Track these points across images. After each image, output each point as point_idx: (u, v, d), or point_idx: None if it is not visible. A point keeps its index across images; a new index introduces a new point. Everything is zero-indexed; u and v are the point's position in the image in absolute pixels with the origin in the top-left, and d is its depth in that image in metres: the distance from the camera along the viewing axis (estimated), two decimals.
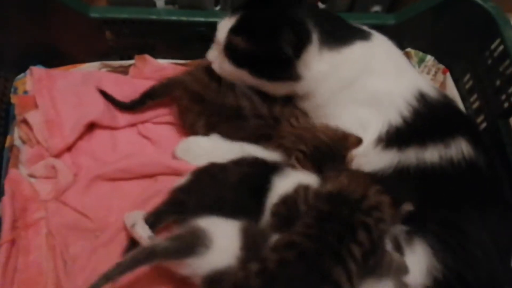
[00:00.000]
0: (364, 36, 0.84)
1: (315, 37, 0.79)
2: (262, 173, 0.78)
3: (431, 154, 0.79)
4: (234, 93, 0.85)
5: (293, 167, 0.79)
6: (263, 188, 0.76)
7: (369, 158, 0.82)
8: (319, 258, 0.63)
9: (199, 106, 0.89)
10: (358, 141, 0.80)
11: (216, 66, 0.85)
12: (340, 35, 0.83)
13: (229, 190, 0.79)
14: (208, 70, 0.88)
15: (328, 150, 0.80)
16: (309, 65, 0.80)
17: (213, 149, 0.85)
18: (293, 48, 0.76)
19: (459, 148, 0.80)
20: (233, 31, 0.79)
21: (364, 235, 0.66)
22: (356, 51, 0.83)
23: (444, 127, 0.83)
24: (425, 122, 0.83)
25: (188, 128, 0.93)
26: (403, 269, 0.68)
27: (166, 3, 1.11)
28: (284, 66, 0.79)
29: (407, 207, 0.72)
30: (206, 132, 0.90)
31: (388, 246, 0.71)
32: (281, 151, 0.83)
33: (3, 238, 0.79)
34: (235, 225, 0.71)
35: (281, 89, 0.83)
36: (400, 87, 0.84)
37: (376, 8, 1.07)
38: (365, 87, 0.83)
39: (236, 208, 0.77)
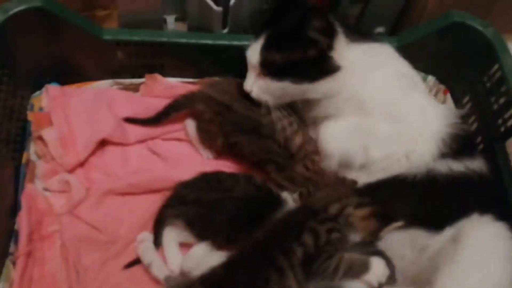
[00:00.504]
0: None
1: (339, 29, 0.83)
2: (265, 202, 0.82)
3: (458, 166, 0.83)
4: (259, 109, 0.89)
5: (294, 199, 0.83)
6: (260, 216, 0.81)
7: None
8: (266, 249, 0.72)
9: (222, 118, 0.93)
10: (353, 183, 0.83)
11: (255, 93, 0.86)
12: (359, 34, 0.88)
13: (230, 200, 0.84)
14: (234, 83, 0.93)
15: None
16: (342, 55, 0.83)
17: None
18: (323, 36, 0.79)
19: (481, 162, 0.86)
20: (266, 48, 0.82)
21: (309, 239, 0.73)
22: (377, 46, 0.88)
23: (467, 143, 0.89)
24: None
25: (207, 141, 0.97)
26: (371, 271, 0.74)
27: (176, 20, 1.15)
28: (322, 62, 0.82)
29: (397, 224, 0.77)
30: (224, 147, 0.95)
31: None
32: (287, 184, 0.88)
33: (20, 251, 0.84)
34: None
35: (322, 88, 0.84)
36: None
37: (380, 29, 1.10)
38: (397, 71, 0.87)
39: (229, 218, 0.82)
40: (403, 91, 0.86)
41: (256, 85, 0.85)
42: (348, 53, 0.84)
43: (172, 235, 0.87)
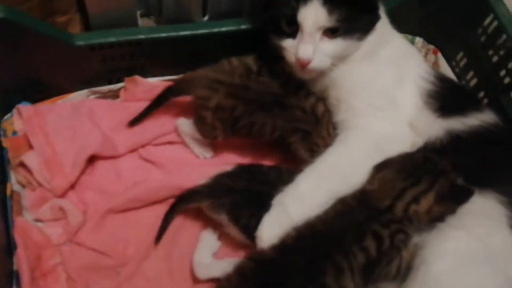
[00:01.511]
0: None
1: None
2: None
3: (472, 120, 0.84)
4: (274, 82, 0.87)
5: None
6: None
7: (425, 122, 0.85)
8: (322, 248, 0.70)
9: (235, 101, 0.87)
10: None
11: (317, 61, 0.79)
12: None
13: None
14: (234, 62, 0.89)
15: None
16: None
17: None
18: None
19: (491, 115, 0.86)
20: (331, 6, 0.76)
21: (372, 244, 0.70)
22: (383, 22, 0.86)
23: (470, 98, 0.93)
24: (452, 89, 0.90)
25: (209, 133, 0.91)
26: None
27: (142, 15, 1.08)
28: (372, 14, 0.82)
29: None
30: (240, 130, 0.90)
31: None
32: (308, 156, 0.84)
33: None
34: None
35: (367, 44, 0.83)
36: (417, 56, 0.94)
37: None
38: (387, 52, 0.86)
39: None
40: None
41: (319, 50, 0.78)
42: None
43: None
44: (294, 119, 0.87)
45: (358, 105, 0.84)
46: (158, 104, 0.93)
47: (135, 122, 0.93)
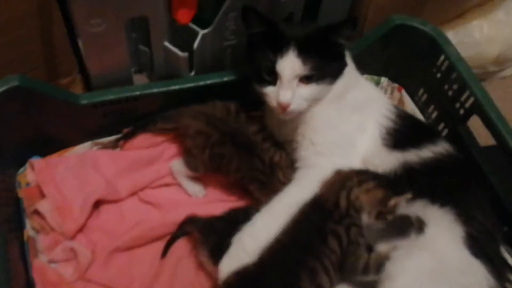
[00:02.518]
0: None
1: None
2: None
3: (426, 152, 0.93)
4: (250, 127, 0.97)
5: None
6: None
7: (381, 158, 0.94)
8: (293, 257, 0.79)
9: (212, 128, 0.97)
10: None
11: (295, 104, 0.87)
12: None
13: None
14: (220, 105, 1.00)
15: None
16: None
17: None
18: (347, 40, 0.89)
19: (444, 145, 0.95)
20: (304, 58, 0.85)
21: (334, 243, 0.80)
22: (349, 67, 0.96)
23: (426, 132, 1.01)
24: (410, 126, 0.99)
25: (191, 161, 1.00)
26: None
27: (135, 72, 1.19)
28: (341, 61, 0.92)
29: (407, 195, 0.85)
30: (210, 160, 0.98)
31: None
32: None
33: None
34: None
35: (336, 87, 0.92)
36: (380, 96, 1.03)
37: None
38: (353, 96, 0.96)
39: None
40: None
41: (296, 95, 0.87)
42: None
43: None
44: (255, 168, 0.96)
45: (321, 142, 0.93)
46: (145, 126, 1.04)
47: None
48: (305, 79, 0.87)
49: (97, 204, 1.01)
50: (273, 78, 0.87)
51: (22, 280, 0.88)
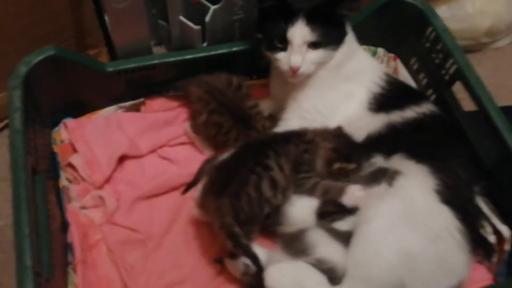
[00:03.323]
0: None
1: None
2: None
3: (410, 113, 1.03)
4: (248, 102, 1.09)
5: None
6: None
7: (366, 121, 1.04)
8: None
9: (211, 97, 1.08)
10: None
11: (304, 67, 0.98)
12: None
13: None
14: (224, 76, 1.11)
15: None
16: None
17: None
18: (350, 10, 1.00)
19: (428, 106, 1.05)
20: (313, 25, 0.95)
21: (293, 149, 0.97)
22: (349, 36, 1.05)
23: (412, 95, 1.11)
24: (397, 91, 1.09)
25: (195, 119, 1.12)
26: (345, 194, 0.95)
27: (155, 45, 1.32)
28: (343, 29, 1.03)
29: (351, 165, 0.98)
30: (205, 124, 1.10)
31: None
32: None
33: (77, 260, 0.98)
34: None
35: (338, 55, 1.02)
36: (374, 66, 1.12)
37: None
38: (350, 65, 1.05)
39: None
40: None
41: (306, 59, 0.97)
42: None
43: None
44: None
45: (307, 108, 1.05)
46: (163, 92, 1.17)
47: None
48: (313, 45, 0.98)
49: (122, 159, 1.13)
50: (284, 45, 0.98)
51: (58, 221, 1.02)
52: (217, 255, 1.02)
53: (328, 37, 0.99)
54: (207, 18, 1.13)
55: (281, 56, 0.99)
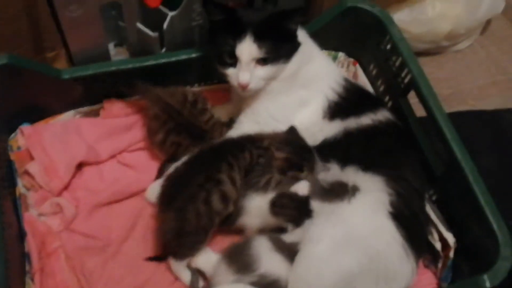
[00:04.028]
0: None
1: None
2: None
3: (365, 120, 1.05)
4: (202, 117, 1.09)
5: None
6: None
7: (321, 127, 1.06)
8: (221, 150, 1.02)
9: (168, 116, 1.08)
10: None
11: (253, 83, 0.99)
12: None
13: None
14: (180, 91, 1.11)
15: None
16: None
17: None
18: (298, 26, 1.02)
19: (384, 114, 1.08)
20: (260, 42, 0.96)
21: (247, 156, 1.00)
22: (305, 45, 1.06)
23: (369, 102, 1.12)
24: (354, 97, 1.10)
25: (152, 137, 1.13)
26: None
27: (116, 45, 1.31)
28: (294, 43, 1.02)
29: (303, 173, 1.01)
30: (162, 144, 1.10)
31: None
32: None
33: (34, 269, 0.99)
34: None
35: (292, 64, 1.03)
36: (333, 72, 1.13)
37: None
38: (306, 72, 1.06)
39: None
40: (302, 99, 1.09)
41: (254, 76, 0.98)
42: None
43: None
44: None
45: (260, 112, 1.07)
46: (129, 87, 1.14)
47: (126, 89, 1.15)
48: (262, 61, 0.98)
49: (80, 165, 1.14)
50: (233, 60, 0.98)
51: (15, 230, 1.02)
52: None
53: (277, 52, 0.99)
54: (165, 25, 1.13)
55: (230, 72, 1.00)
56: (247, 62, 0.97)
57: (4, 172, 1.06)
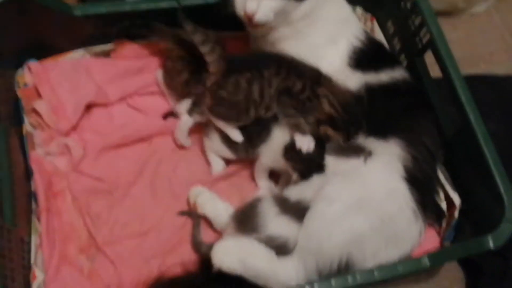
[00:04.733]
0: None
1: None
2: None
3: (384, 77, 1.04)
4: None
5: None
6: None
7: (347, 76, 1.04)
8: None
9: (191, 56, 1.05)
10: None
11: (261, 13, 0.93)
12: None
13: None
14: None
15: None
16: None
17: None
18: None
19: (402, 73, 1.07)
20: None
21: (299, 85, 0.98)
22: None
23: (387, 58, 1.11)
24: (373, 50, 1.09)
25: (170, 81, 1.11)
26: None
27: None
28: None
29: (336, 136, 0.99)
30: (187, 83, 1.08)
31: None
32: None
33: (41, 208, 0.98)
34: None
35: (305, 6, 0.99)
36: (354, 18, 1.12)
37: None
38: (326, 13, 1.03)
39: None
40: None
41: (262, 5, 0.93)
42: None
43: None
44: None
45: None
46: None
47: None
48: None
49: (89, 107, 1.12)
50: None
51: (22, 169, 1.01)
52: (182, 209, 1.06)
53: None
54: None
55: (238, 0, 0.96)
56: None
57: (11, 109, 1.04)
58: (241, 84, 0.98)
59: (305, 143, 0.98)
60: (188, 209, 1.06)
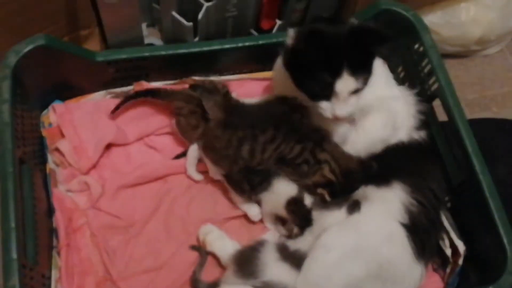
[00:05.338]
0: None
1: None
2: None
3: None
4: None
5: None
6: None
7: None
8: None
9: (202, 109, 1.09)
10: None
11: (348, 113, 0.96)
12: None
13: None
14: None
15: None
16: None
17: None
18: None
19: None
20: (355, 76, 0.92)
21: (296, 151, 1.00)
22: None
23: None
24: None
25: (186, 133, 1.14)
26: None
27: (148, 26, 1.32)
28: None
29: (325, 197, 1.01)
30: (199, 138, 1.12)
31: None
32: None
33: (61, 243, 1.03)
34: None
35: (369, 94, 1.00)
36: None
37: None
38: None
39: None
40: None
41: (348, 106, 0.95)
42: None
43: None
44: None
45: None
46: (133, 98, 1.17)
47: (115, 110, 1.16)
48: (356, 90, 0.95)
49: (108, 146, 1.17)
50: (328, 93, 0.94)
51: (44, 206, 1.06)
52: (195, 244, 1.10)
53: (368, 77, 0.97)
54: (200, 15, 1.14)
55: (324, 105, 0.96)
56: (345, 96, 0.94)
57: (36, 149, 1.10)
58: (232, 142, 1.02)
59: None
60: (198, 246, 1.10)
